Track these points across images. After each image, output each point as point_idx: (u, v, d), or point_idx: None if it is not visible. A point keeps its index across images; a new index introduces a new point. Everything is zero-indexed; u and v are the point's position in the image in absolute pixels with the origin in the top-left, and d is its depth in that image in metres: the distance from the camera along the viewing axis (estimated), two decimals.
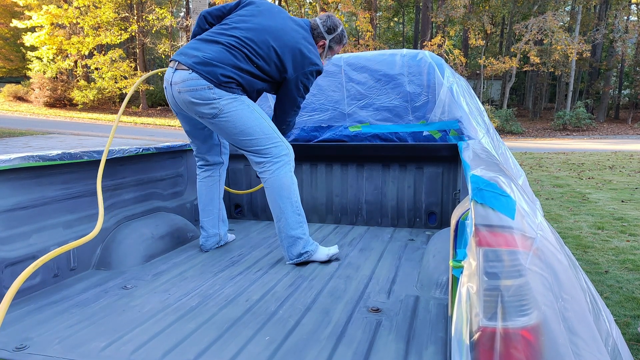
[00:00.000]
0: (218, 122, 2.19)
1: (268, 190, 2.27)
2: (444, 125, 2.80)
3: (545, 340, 0.81)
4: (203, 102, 2.14)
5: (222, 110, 2.15)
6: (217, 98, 2.13)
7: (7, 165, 1.73)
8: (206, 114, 2.17)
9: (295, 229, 2.24)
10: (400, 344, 1.39)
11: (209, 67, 2.12)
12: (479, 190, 0.94)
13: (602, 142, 17.88)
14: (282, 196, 2.23)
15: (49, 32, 22.22)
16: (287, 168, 2.27)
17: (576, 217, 5.09)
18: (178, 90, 2.17)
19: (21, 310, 1.69)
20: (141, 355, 1.34)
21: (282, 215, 2.24)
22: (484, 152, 1.88)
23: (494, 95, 30.78)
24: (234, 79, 2.15)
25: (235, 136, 2.22)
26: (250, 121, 2.20)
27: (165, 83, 2.26)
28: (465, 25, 23.87)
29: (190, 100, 2.15)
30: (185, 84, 2.14)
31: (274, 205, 2.26)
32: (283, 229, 2.25)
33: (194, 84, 2.13)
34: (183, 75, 2.15)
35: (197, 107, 2.16)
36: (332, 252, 2.31)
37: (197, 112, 2.19)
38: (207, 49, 2.17)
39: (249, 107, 2.21)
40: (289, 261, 2.26)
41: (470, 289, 0.87)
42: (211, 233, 2.53)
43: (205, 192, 2.54)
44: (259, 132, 2.22)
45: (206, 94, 2.12)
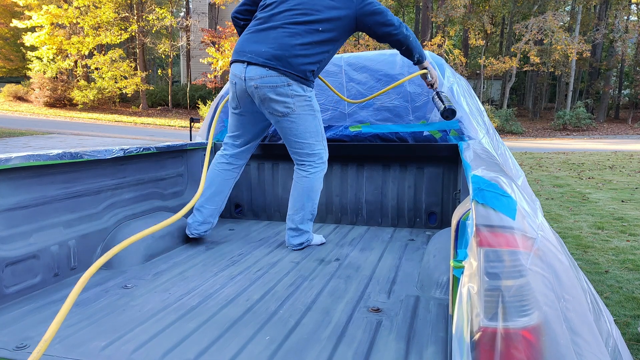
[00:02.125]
0: (285, 121, 2.32)
1: (298, 186, 2.45)
2: (444, 125, 2.80)
3: (547, 341, 0.81)
4: (280, 100, 2.25)
5: (294, 110, 2.29)
6: (294, 95, 2.25)
7: (7, 165, 1.73)
8: (278, 112, 2.29)
9: (304, 224, 2.46)
10: (401, 344, 1.39)
11: (282, 61, 2.21)
12: (480, 190, 0.94)
13: (602, 142, 17.88)
14: (309, 197, 2.44)
15: (49, 32, 22.22)
16: (321, 174, 2.47)
17: (576, 217, 5.09)
18: (255, 85, 2.25)
19: (21, 310, 1.69)
20: (141, 355, 1.34)
21: (301, 211, 2.44)
22: (484, 153, 1.88)
23: (494, 95, 30.79)
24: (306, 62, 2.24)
25: (293, 137, 2.37)
26: (311, 127, 2.37)
27: (235, 78, 2.32)
28: (465, 25, 23.87)
29: (269, 97, 2.25)
30: (263, 80, 2.23)
31: (298, 200, 2.44)
32: (295, 221, 2.45)
33: (273, 81, 2.22)
34: (260, 72, 2.23)
35: (273, 103, 2.27)
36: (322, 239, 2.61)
37: (269, 108, 2.30)
38: (270, 40, 2.24)
39: (313, 112, 2.37)
40: (290, 247, 2.49)
41: (471, 289, 0.87)
42: (207, 220, 2.58)
43: (219, 181, 2.59)
44: (314, 138, 2.40)
45: (285, 90, 2.24)
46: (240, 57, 2.29)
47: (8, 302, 1.74)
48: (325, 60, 2.38)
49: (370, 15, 2.30)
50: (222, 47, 21.02)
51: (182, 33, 26.44)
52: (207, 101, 23.12)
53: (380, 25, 2.31)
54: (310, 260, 2.29)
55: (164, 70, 29.89)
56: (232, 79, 2.36)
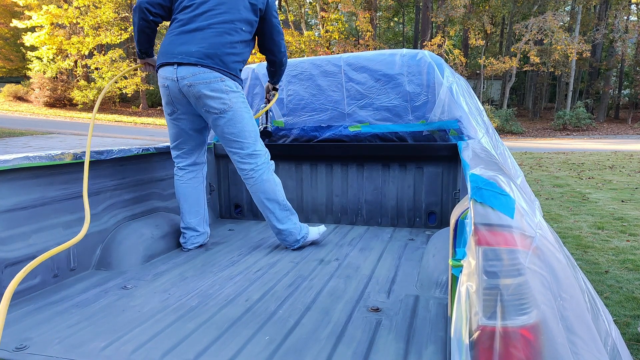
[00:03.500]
0: (222, 119, 2.27)
1: (253, 195, 2.42)
2: (443, 125, 2.80)
3: (545, 339, 0.81)
4: (215, 95, 2.21)
5: (231, 107, 2.26)
6: (229, 91, 2.23)
7: (7, 166, 1.73)
8: (215, 109, 2.25)
9: (284, 223, 2.43)
10: (400, 344, 1.39)
11: (214, 59, 2.20)
12: (479, 189, 0.94)
13: (602, 142, 17.88)
14: (268, 199, 2.40)
15: (49, 32, 22.22)
16: (269, 172, 2.41)
17: (576, 217, 5.09)
18: (188, 84, 2.21)
19: (21, 311, 1.69)
20: (141, 355, 1.34)
21: (271, 214, 2.42)
22: (483, 152, 1.88)
23: (494, 95, 30.78)
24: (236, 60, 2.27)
25: (232, 136, 2.32)
26: (249, 125, 2.34)
27: (166, 81, 2.26)
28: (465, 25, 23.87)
29: (204, 93, 2.21)
30: (196, 77, 2.19)
31: (262, 206, 2.42)
32: (274, 225, 2.43)
33: (206, 77, 2.19)
34: (191, 70, 2.19)
35: (208, 100, 2.22)
36: (322, 231, 2.57)
37: (205, 106, 2.25)
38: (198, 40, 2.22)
39: (249, 111, 2.36)
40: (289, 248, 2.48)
41: (470, 288, 0.87)
42: (201, 231, 2.55)
43: (192, 193, 2.53)
44: (253, 137, 2.37)
45: (219, 86, 2.21)
46: (170, 59, 2.23)
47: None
48: (246, 62, 2.39)
49: (271, 27, 2.44)
50: None
51: None
52: None
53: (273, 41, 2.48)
54: (310, 260, 2.29)
55: None
56: (163, 83, 2.29)
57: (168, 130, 2.49)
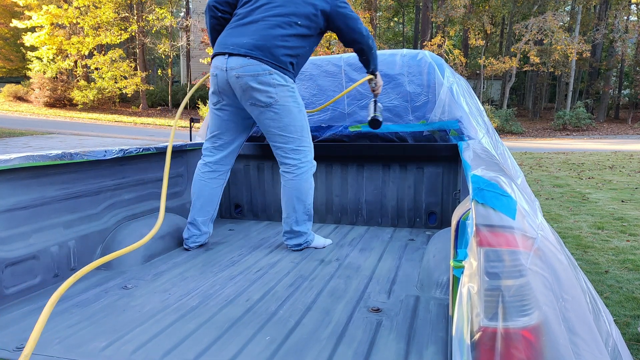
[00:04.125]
0: (268, 112, 2.28)
1: (287, 190, 2.40)
2: (444, 125, 2.80)
3: (546, 341, 0.81)
4: (262, 88, 2.22)
5: (277, 101, 2.26)
6: (276, 85, 2.23)
7: (7, 165, 1.73)
8: (261, 102, 2.25)
9: (300, 226, 2.42)
10: (401, 344, 1.39)
11: (263, 50, 2.21)
12: (480, 190, 0.94)
13: (602, 142, 17.88)
14: (299, 199, 2.39)
15: (49, 32, 22.21)
16: (309, 174, 2.40)
17: (576, 217, 5.09)
18: (236, 75, 2.23)
19: (21, 310, 1.69)
20: (141, 355, 1.34)
21: (293, 214, 2.40)
22: (484, 152, 1.88)
23: (494, 95, 30.78)
24: (286, 54, 2.26)
25: (277, 130, 2.32)
26: (297, 120, 2.33)
27: (216, 70, 2.30)
28: (465, 25, 23.87)
29: (251, 86, 2.22)
30: (244, 69, 2.21)
31: (288, 203, 2.40)
32: (290, 224, 2.42)
33: (254, 69, 2.21)
34: (240, 61, 2.22)
35: (255, 92, 2.23)
36: (327, 243, 2.55)
37: (251, 99, 2.26)
38: (251, 33, 2.25)
39: (298, 106, 2.34)
40: (289, 247, 2.47)
41: (471, 289, 0.86)
42: (203, 231, 2.53)
43: (208, 192, 2.52)
44: (300, 132, 2.35)
45: (266, 79, 2.22)
46: (222, 49, 2.28)
47: (8, 303, 1.74)
48: (302, 56, 2.38)
49: (343, 17, 2.36)
50: None
51: (182, 33, 26.43)
52: (207, 101, 23.11)
53: (350, 30, 2.39)
54: (310, 260, 2.29)
55: (164, 70, 29.88)
56: (213, 72, 2.34)
57: (209, 121, 2.50)
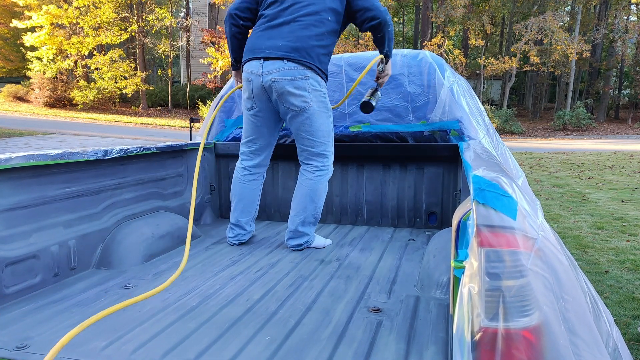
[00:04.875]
0: (301, 116, 2.30)
1: (302, 188, 2.43)
2: (444, 126, 2.80)
3: (547, 341, 0.81)
4: (298, 93, 2.24)
5: (311, 105, 2.28)
6: (311, 90, 2.26)
7: (7, 165, 1.73)
8: (295, 106, 2.27)
9: (304, 227, 2.43)
10: (401, 344, 1.39)
11: (301, 52, 2.22)
12: (481, 190, 0.94)
13: (602, 142, 17.88)
14: (312, 200, 2.41)
15: (49, 32, 22.21)
16: (326, 177, 2.44)
17: (576, 217, 5.09)
18: (272, 79, 2.23)
19: (21, 310, 1.69)
20: (141, 355, 1.34)
21: (302, 213, 2.41)
22: (484, 153, 1.88)
23: (494, 95, 30.78)
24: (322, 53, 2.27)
25: (307, 134, 2.35)
26: (325, 125, 2.37)
27: (251, 75, 2.30)
28: (465, 25, 23.87)
29: (287, 90, 2.24)
30: (281, 73, 2.22)
31: (300, 202, 2.42)
32: (295, 223, 2.42)
33: (290, 74, 2.22)
34: (277, 65, 2.22)
35: (290, 97, 2.25)
36: (327, 243, 2.55)
37: (286, 103, 2.28)
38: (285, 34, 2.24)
39: (327, 111, 2.37)
40: (289, 247, 2.47)
41: (472, 290, 0.86)
42: (248, 230, 2.62)
43: (248, 193, 2.58)
44: (326, 137, 2.39)
45: (302, 84, 2.24)
46: (257, 54, 2.27)
47: (8, 302, 1.74)
48: (331, 54, 2.39)
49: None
50: (222, 47, 21.01)
51: (182, 33, 26.43)
52: (207, 101, 23.12)
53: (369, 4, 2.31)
54: (311, 260, 2.29)
55: (164, 70, 29.88)
56: (247, 77, 2.34)
57: (243, 125, 2.54)
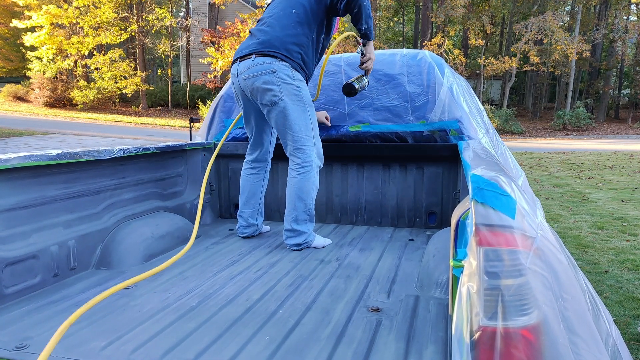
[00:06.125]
0: (273, 111, 2.36)
1: (289, 186, 2.47)
2: (444, 125, 2.80)
3: (545, 340, 0.81)
4: (267, 87, 2.30)
5: (282, 98, 2.32)
6: (280, 83, 2.29)
7: (7, 165, 1.73)
8: (267, 101, 2.34)
9: (300, 225, 2.45)
10: (401, 344, 1.39)
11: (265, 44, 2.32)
12: (480, 189, 0.94)
13: (602, 142, 17.88)
14: (300, 197, 2.43)
15: (48, 32, 22.20)
16: (312, 173, 2.45)
17: (576, 217, 5.09)
18: (244, 78, 2.36)
19: (21, 310, 1.69)
20: (141, 355, 1.34)
21: (293, 212, 2.45)
22: (484, 152, 1.88)
23: (493, 95, 30.78)
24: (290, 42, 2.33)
25: (283, 127, 2.39)
26: (301, 119, 2.38)
27: (232, 78, 2.46)
28: (465, 25, 23.87)
29: (257, 86, 2.33)
30: (249, 71, 2.33)
31: (290, 200, 2.46)
32: (290, 222, 2.46)
33: (256, 70, 2.31)
34: (247, 63, 2.35)
35: (261, 93, 2.33)
36: (327, 243, 2.56)
37: (261, 99, 2.36)
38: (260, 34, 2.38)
39: (303, 105, 2.38)
40: (288, 246, 2.49)
41: (471, 289, 0.87)
42: (250, 222, 2.71)
43: (250, 187, 2.71)
44: (304, 131, 2.40)
45: (269, 78, 2.30)
46: (235, 56, 2.44)
47: (8, 303, 1.74)
48: (306, 46, 2.41)
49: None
50: (221, 47, 21.00)
51: (182, 33, 26.42)
52: (207, 101, 23.11)
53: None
54: (310, 260, 2.29)
55: (163, 70, 29.86)
56: (231, 80, 2.52)
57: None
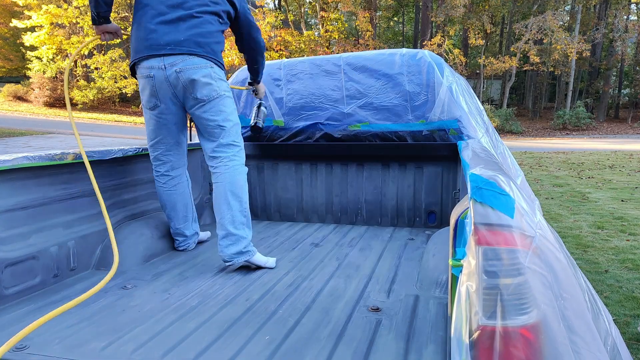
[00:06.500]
0: (208, 107, 2.20)
1: (219, 185, 2.19)
2: (443, 125, 2.80)
3: (545, 339, 0.81)
4: (206, 81, 2.16)
5: (219, 94, 2.22)
6: (217, 79, 2.21)
7: (7, 166, 1.73)
8: (204, 95, 2.17)
9: (238, 228, 2.15)
10: (400, 343, 1.39)
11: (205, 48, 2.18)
12: (478, 189, 0.94)
13: (602, 142, 17.88)
14: (234, 193, 2.17)
15: (48, 32, 22.18)
16: (242, 168, 2.26)
17: (576, 217, 5.09)
18: (178, 69, 2.12)
19: (21, 311, 1.69)
20: (141, 355, 1.34)
21: (229, 212, 2.15)
22: (483, 152, 1.88)
23: (493, 94, 30.77)
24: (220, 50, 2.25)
25: (217, 124, 2.22)
26: (233, 116, 2.29)
27: (152, 71, 2.14)
28: (465, 25, 23.86)
29: (194, 79, 2.13)
30: (186, 63, 2.13)
31: (223, 201, 2.17)
32: (225, 225, 2.15)
33: (196, 62, 2.14)
34: (181, 57, 2.13)
35: (199, 86, 2.15)
36: (269, 262, 2.20)
37: (194, 93, 2.16)
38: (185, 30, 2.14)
39: (231, 97, 2.32)
40: (227, 261, 2.13)
41: (470, 288, 0.87)
42: (189, 234, 2.50)
43: (179, 200, 2.41)
44: (236, 128, 2.30)
45: (209, 72, 2.18)
46: (157, 51, 2.12)
47: (8, 303, 1.74)
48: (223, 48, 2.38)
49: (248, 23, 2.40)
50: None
51: None
52: None
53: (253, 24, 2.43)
54: (310, 260, 2.29)
55: None
56: (147, 73, 2.15)
57: (147, 127, 2.33)
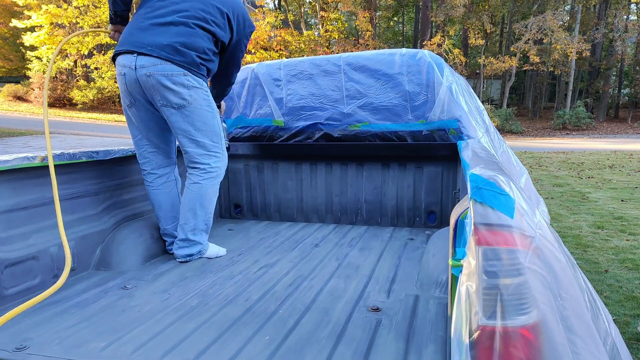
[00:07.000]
0: (179, 114, 2.14)
1: (189, 192, 2.25)
2: (443, 125, 2.80)
3: (544, 339, 0.81)
4: (175, 89, 2.08)
5: (191, 103, 2.14)
6: (191, 87, 2.12)
7: (7, 166, 1.73)
8: (172, 103, 2.11)
9: (196, 235, 2.27)
10: (400, 343, 1.39)
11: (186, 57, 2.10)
12: (478, 189, 0.94)
13: (602, 142, 17.88)
14: (202, 205, 2.26)
15: (48, 32, 22.19)
16: (216, 181, 2.29)
17: (576, 217, 5.09)
18: (147, 73, 2.06)
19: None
20: (141, 355, 1.34)
21: (192, 220, 2.25)
22: (483, 151, 1.88)
23: (493, 94, 30.77)
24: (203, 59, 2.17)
25: (188, 134, 2.19)
26: (210, 125, 2.23)
27: (124, 69, 2.11)
28: (465, 25, 23.87)
29: (163, 84, 2.06)
30: (157, 68, 2.06)
31: (189, 209, 2.25)
32: (186, 231, 2.25)
33: (168, 69, 2.06)
34: (153, 60, 2.06)
35: (166, 92, 2.08)
36: (221, 252, 2.38)
37: (162, 99, 2.11)
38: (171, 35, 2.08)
39: (212, 110, 2.24)
40: (178, 259, 2.27)
41: (470, 288, 0.87)
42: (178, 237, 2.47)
43: (166, 200, 2.36)
44: (212, 137, 2.25)
45: (181, 79, 2.09)
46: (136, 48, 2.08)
47: (8, 304, 1.74)
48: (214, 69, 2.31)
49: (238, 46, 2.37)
50: None
51: None
52: None
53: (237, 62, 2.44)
54: (310, 260, 2.29)
55: None
56: (120, 71, 2.13)
57: (128, 125, 2.30)
